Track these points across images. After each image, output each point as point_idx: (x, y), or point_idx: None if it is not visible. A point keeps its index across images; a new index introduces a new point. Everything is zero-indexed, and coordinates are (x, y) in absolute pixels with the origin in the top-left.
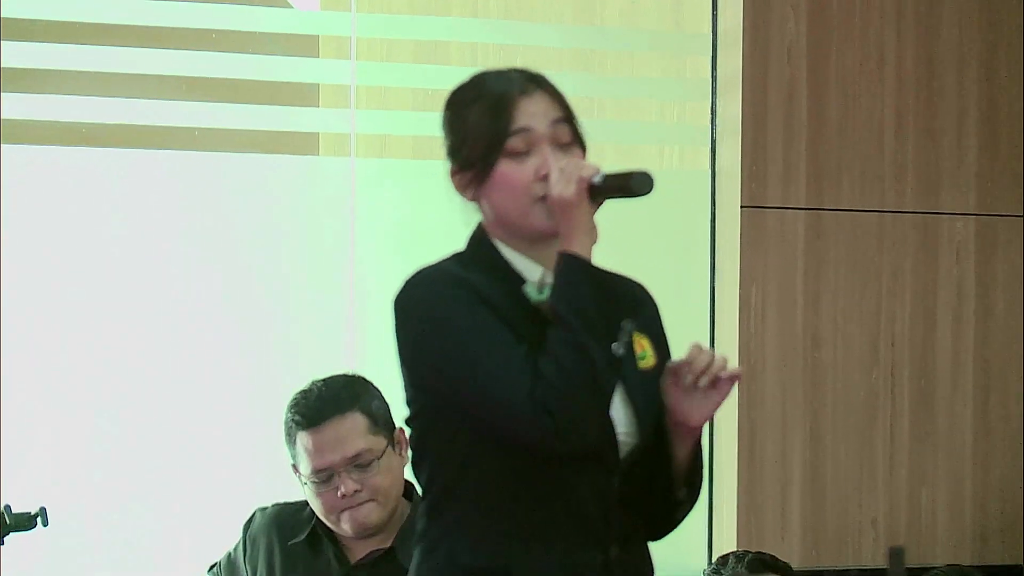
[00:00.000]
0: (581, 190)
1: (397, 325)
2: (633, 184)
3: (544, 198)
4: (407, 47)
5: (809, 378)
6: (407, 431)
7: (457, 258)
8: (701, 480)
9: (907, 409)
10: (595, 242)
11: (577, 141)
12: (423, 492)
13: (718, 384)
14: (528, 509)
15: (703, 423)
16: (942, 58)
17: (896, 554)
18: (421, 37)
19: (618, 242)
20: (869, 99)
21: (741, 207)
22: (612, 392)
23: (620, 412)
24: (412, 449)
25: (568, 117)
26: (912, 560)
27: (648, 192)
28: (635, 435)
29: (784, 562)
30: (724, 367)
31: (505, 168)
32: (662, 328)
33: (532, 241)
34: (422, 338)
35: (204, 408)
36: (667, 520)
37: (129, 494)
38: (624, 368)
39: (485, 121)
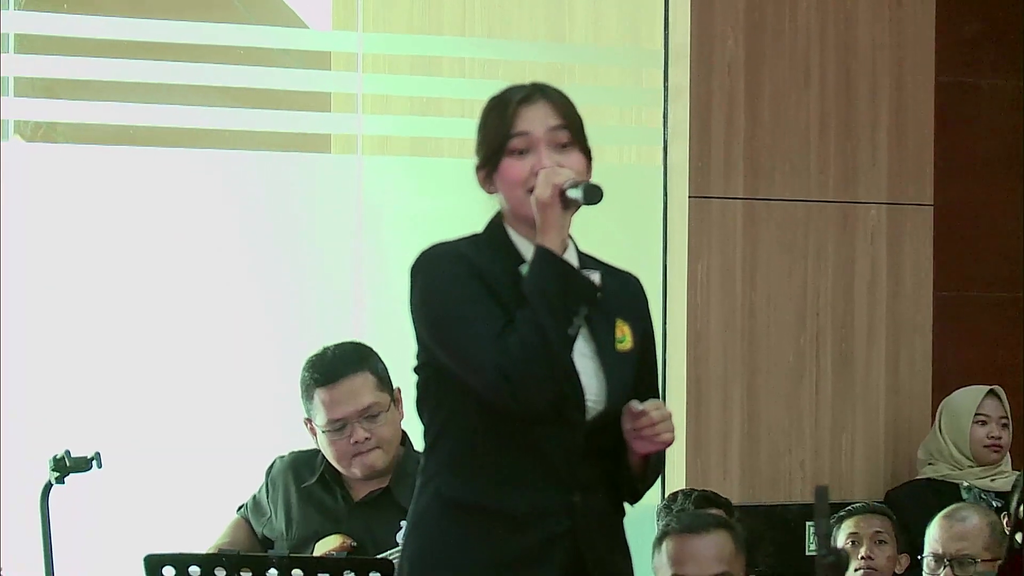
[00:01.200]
0: (554, 194)
1: (410, 287)
2: (586, 197)
3: (531, 192)
4: (406, 61)
5: (746, 342)
6: (414, 379)
7: (473, 238)
8: (656, 477)
9: (829, 369)
10: (563, 239)
11: (576, 144)
12: (424, 431)
13: (656, 439)
14: (502, 456)
15: (645, 455)
16: (858, 71)
17: (820, 492)
18: (417, 53)
19: (586, 226)
20: (796, 106)
21: (689, 197)
22: (565, 365)
23: (592, 381)
24: (417, 393)
25: (568, 124)
26: (834, 497)
27: (598, 202)
28: (602, 402)
29: (725, 498)
30: (664, 435)
31: (507, 164)
32: (648, 318)
33: (534, 227)
34: (422, 302)
35: (231, 372)
36: (631, 497)
37: (168, 445)
38: (603, 347)
39: (494, 125)
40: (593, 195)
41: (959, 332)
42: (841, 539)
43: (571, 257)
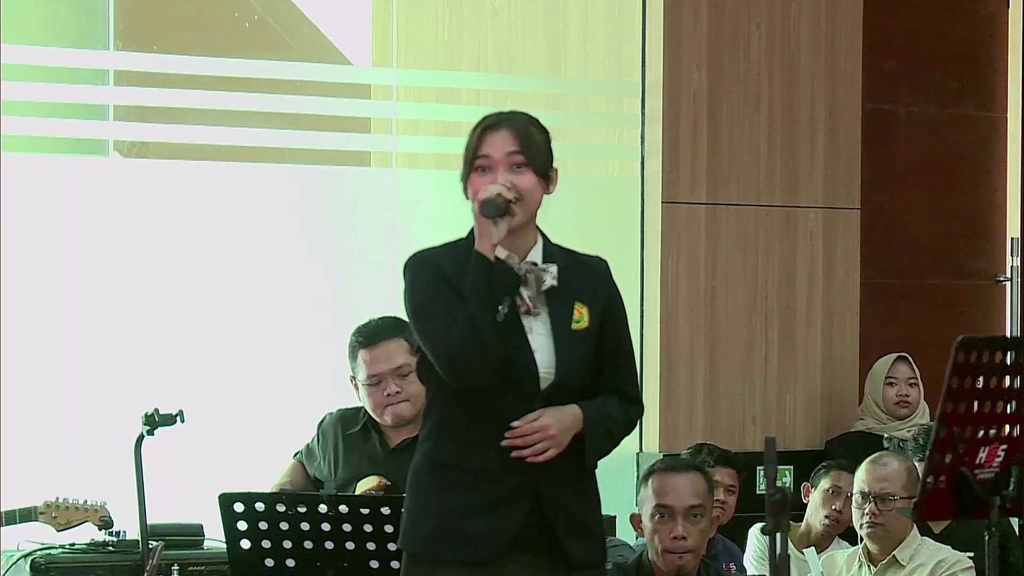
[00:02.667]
0: (476, 208)
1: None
2: (484, 210)
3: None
4: (432, 92)
5: (708, 321)
6: None
7: (455, 243)
8: (597, 454)
9: (776, 342)
10: (494, 243)
11: (529, 166)
12: (426, 407)
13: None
14: (473, 422)
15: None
16: (799, 99)
17: (769, 442)
18: (441, 85)
19: (579, 226)
20: (749, 128)
21: (661, 203)
22: (496, 349)
23: (545, 357)
24: (417, 371)
25: (523, 150)
26: (780, 447)
27: (497, 217)
28: (552, 375)
29: (733, 454)
30: (536, 450)
31: (472, 178)
32: (611, 297)
33: (509, 238)
34: (405, 300)
35: (291, 344)
36: (584, 464)
37: (238, 405)
38: (557, 327)
39: (469, 146)
40: (486, 209)
41: (881, 313)
42: (824, 486)
43: (536, 253)
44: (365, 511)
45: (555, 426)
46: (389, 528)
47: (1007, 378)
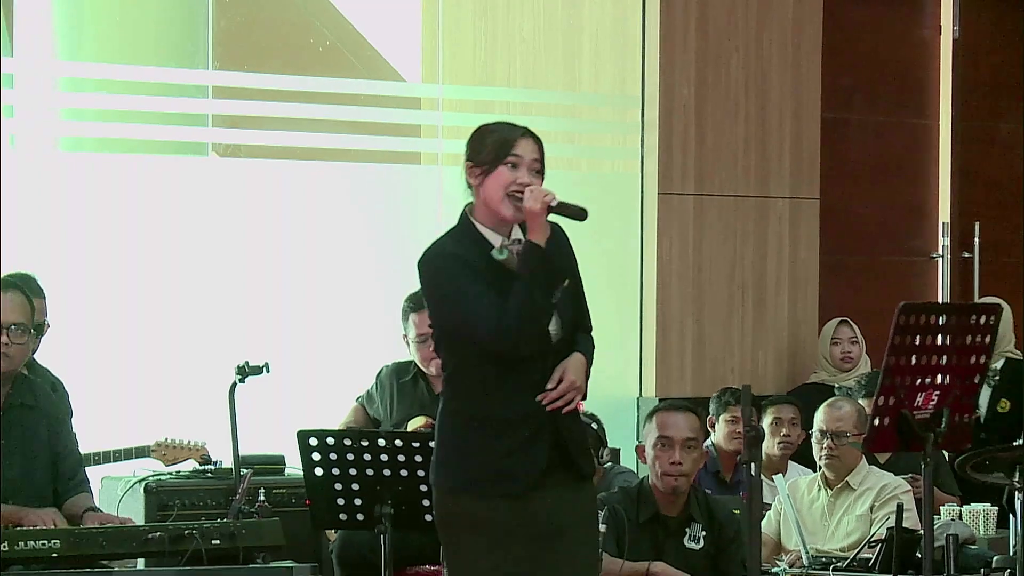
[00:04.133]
0: (544, 207)
1: (419, 278)
2: (575, 214)
3: (511, 195)
4: (471, 103)
5: (696, 290)
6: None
7: (451, 233)
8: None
9: (751, 308)
10: (547, 236)
11: (541, 173)
12: (442, 365)
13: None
14: (497, 379)
15: None
16: (770, 109)
17: (745, 388)
18: (479, 98)
19: (591, 214)
20: (729, 132)
21: (658, 194)
22: (547, 319)
23: (553, 319)
24: (434, 346)
25: (540, 160)
26: (754, 392)
27: (584, 220)
28: (559, 332)
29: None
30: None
31: (501, 170)
32: (572, 255)
33: (497, 222)
34: (431, 288)
35: (354, 311)
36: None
37: (315, 359)
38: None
39: (499, 142)
40: (581, 215)
41: (836, 284)
42: (766, 421)
43: (516, 231)
44: (415, 445)
45: (578, 379)
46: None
47: (940, 337)
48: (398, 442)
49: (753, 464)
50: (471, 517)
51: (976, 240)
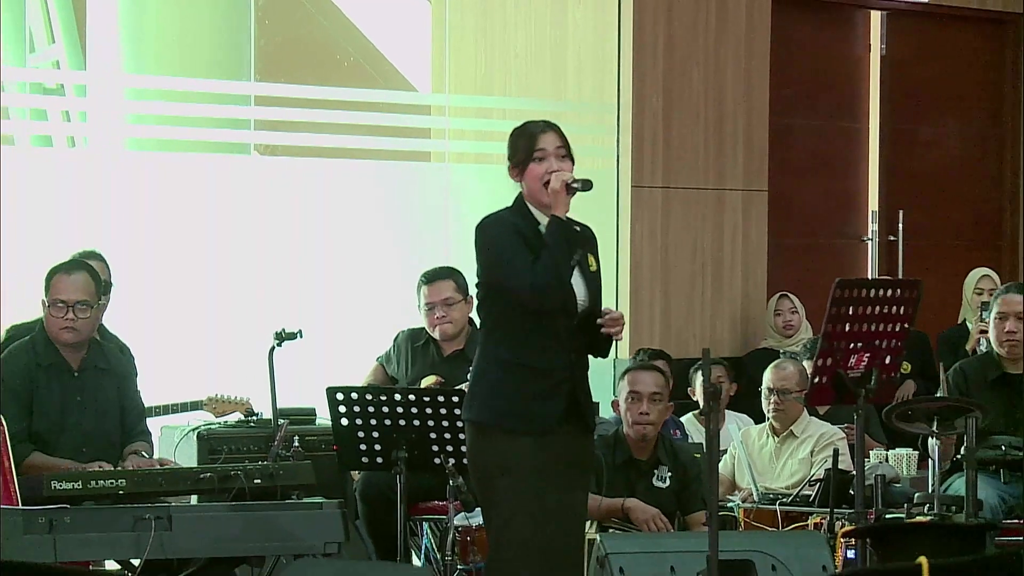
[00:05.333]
0: (563, 187)
1: (476, 239)
2: (584, 187)
3: (547, 184)
4: (473, 110)
5: (663, 268)
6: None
7: (509, 209)
8: (609, 345)
9: (709, 283)
10: (567, 211)
11: (568, 156)
12: (482, 321)
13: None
14: (532, 333)
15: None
16: (725, 114)
17: (705, 352)
18: (479, 105)
19: (578, 203)
20: (691, 134)
21: (631, 187)
22: (566, 278)
23: (581, 291)
24: (478, 300)
25: (564, 145)
26: (713, 355)
27: (590, 189)
28: (586, 303)
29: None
30: (618, 330)
31: (532, 167)
32: (597, 251)
33: (542, 204)
34: (485, 248)
35: (375, 286)
36: (599, 350)
37: (343, 326)
38: (584, 271)
39: (525, 143)
40: (588, 186)
41: (782, 263)
42: (697, 384)
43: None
44: (427, 399)
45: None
46: (443, 411)
47: (869, 308)
48: (412, 397)
49: (712, 415)
50: (500, 457)
51: (900, 226)
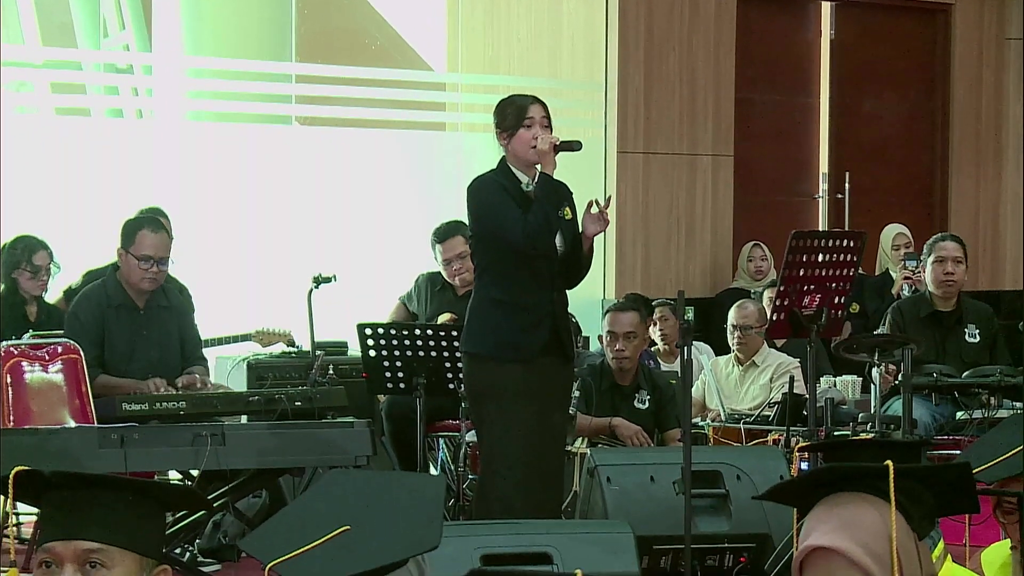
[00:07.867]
0: (551, 148)
1: (468, 198)
2: (573, 146)
3: (534, 148)
4: (482, 87)
5: (643, 222)
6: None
7: (493, 171)
8: (589, 265)
9: (684, 234)
10: (555, 168)
11: (550, 126)
12: (476, 264)
13: (599, 217)
14: (519, 274)
15: (592, 237)
16: (697, 91)
17: (680, 293)
18: (488, 83)
19: (569, 166)
20: (668, 108)
21: (617, 153)
22: (554, 227)
23: (559, 237)
24: (471, 251)
25: (548, 116)
26: (687, 296)
27: (579, 150)
28: (564, 246)
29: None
30: (603, 210)
31: (522, 132)
32: (574, 202)
33: (524, 166)
34: (476, 204)
35: (397, 240)
36: (575, 281)
37: (372, 270)
38: (561, 219)
39: (515, 111)
40: (577, 146)
41: (745, 218)
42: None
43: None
44: (442, 334)
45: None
46: (457, 344)
47: (820, 255)
48: (430, 332)
49: (686, 348)
50: (490, 382)
51: (847, 185)
